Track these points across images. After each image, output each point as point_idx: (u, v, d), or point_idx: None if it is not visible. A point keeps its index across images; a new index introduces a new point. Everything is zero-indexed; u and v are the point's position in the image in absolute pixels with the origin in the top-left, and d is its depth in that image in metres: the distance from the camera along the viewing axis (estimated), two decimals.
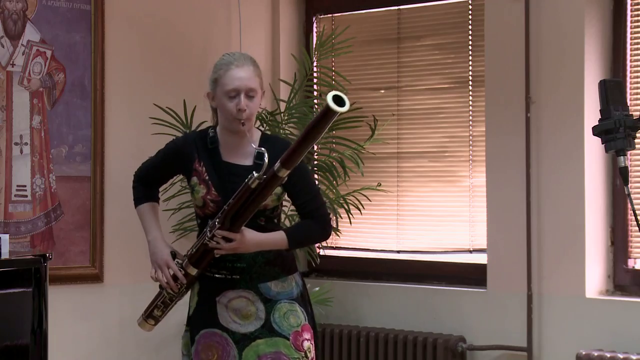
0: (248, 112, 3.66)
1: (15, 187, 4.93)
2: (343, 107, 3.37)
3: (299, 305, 3.78)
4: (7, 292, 3.99)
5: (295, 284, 3.80)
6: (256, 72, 3.71)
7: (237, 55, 3.76)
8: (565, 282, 4.86)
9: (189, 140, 3.81)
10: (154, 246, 3.83)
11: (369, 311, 5.54)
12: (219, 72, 3.70)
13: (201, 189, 3.72)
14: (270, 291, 3.74)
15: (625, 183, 3.35)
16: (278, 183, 3.56)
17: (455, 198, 5.40)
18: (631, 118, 3.33)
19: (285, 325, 3.72)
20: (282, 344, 3.70)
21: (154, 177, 3.92)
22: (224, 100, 3.67)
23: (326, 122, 3.42)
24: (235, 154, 3.73)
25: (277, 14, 5.93)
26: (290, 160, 3.48)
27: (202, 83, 5.57)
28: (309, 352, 3.75)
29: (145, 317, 3.92)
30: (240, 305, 3.73)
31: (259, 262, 3.72)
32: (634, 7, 4.86)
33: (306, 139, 3.45)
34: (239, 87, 3.65)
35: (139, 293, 5.30)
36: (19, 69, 4.96)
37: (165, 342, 5.40)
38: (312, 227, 3.77)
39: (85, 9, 5.15)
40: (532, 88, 4.95)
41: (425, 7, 5.56)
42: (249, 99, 3.67)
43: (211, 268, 3.74)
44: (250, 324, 3.72)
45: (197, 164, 3.74)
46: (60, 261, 5.01)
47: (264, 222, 3.72)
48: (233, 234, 3.61)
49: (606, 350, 4.60)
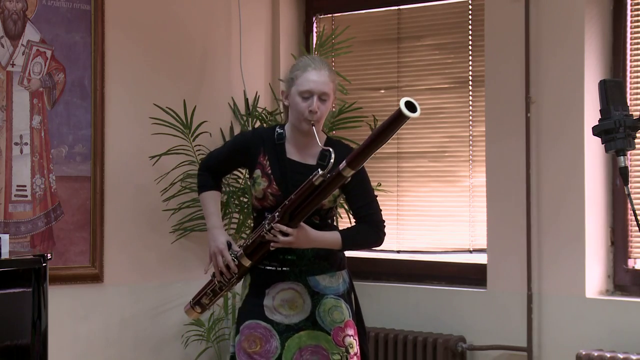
0: (319, 114, 3.79)
1: (15, 187, 4.92)
2: (415, 112, 3.48)
3: (344, 302, 3.87)
4: (7, 292, 3.99)
5: (343, 280, 3.91)
6: (331, 77, 3.85)
7: (316, 58, 3.90)
8: (565, 282, 4.86)
9: (257, 134, 3.94)
10: (212, 234, 3.93)
11: (369, 311, 5.51)
12: (296, 72, 3.84)
13: (263, 182, 3.82)
14: (318, 285, 3.84)
15: (625, 183, 3.35)
16: (341, 182, 3.66)
17: (455, 198, 5.40)
18: (631, 118, 3.33)
19: (328, 320, 3.81)
20: (323, 338, 3.80)
21: (219, 168, 4.03)
22: (297, 100, 3.80)
23: (396, 126, 3.54)
24: (301, 152, 3.86)
25: (277, 14, 5.93)
26: (356, 161, 3.61)
27: (202, 83, 5.60)
28: (351, 348, 3.82)
29: (192, 304, 4.00)
30: (289, 297, 3.82)
31: (308, 255, 3.82)
32: (634, 7, 4.86)
33: (375, 141, 3.58)
34: (314, 89, 3.78)
35: (139, 293, 5.33)
36: (19, 69, 4.95)
37: (166, 342, 5.40)
38: (366, 231, 3.88)
39: (85, 9, 5.15)
40: (532, 88, 4.95)
41: (425, 7, 5.56)
42: (321, 102, 3.80)
43: (263, 260, 3.83)
44: (295, 315, 3.81)
45: (262, 158, 3.85)
46: (60, 261, 5.01)
47: (319, 220, 3.82)
48: (291, 229, 3.69)
49: (606, 350, 4.60)
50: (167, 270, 5.39)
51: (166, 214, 5.32)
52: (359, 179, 3.80)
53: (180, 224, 5.34)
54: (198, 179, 4.05)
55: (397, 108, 3.46)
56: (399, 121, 3.51)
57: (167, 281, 5.38)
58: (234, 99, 5.67)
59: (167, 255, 5.40)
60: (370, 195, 3.91)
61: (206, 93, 5.58)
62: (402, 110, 3.45)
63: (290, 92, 3.84)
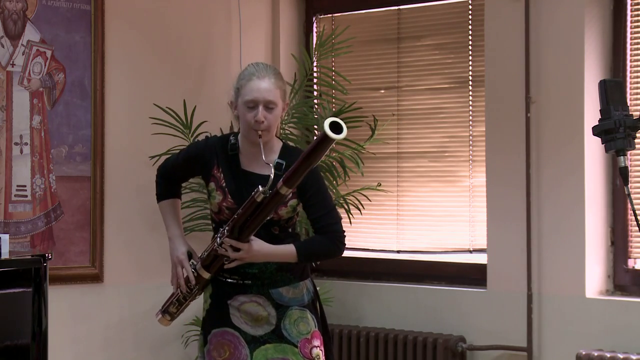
0: (266, 124, 3.70)
1: (15, 187, 4.93)
2: (340, 133, 3.43)
3: (310, 312, 3.81)
4: (7, 292, 3.99)
5: (307, 290, 3.84)
6: (277, 84, 3.76)
7: (261, 66, 3.80)
8: (565, 282, 4.86)
9: (209, 145, 3.85)
10: (172, 243, 3.92)
11: (369, 311, 5.54)
12: (241, 82, 3.76)
13: (217, 195, 3.76)
14: (282, 297, 3.78)
15: (625, 183, 3.35)
16: (282, 200, 3.61)
17: (455, 198, 5.40)
18: (631, 118, 3.33)
19: (294, 332, 3.76)
20: (290, 351, 3.74)
21: (175, 175, 3.97)
22: (243, 111, 3.73)
23: (324, 148, 3.49)
24: (255, 163, 3.76)
25: (277, 14, 5.92)
26: (291, 180, 3.54)
27: (202, 83, 5.60)
28: (318, 359, 3.78)
29: (162, 312, 3.99)
30: (252, 309, 3.77)
31: (270, 268, 3.76)
32: (634, 7, 4.86)
33: (304, 162, 3.52)
34: (257, 99, 3.70)
35: (138, 293, 5.32)
36: (19, 69, 4.95)
37: (165, 342, 5.40)
38: (323, 242, 3.79)
39: (85, 9, 5.15)
40: (532, 88, 4.95)
41: (425, 7, 5.56)
42: (268, 111, 3.71)
43: (223, 272, 3.78)
44: (260, 327, 3.76)
45: (216, 170, 3.78)
46: (60, 261, 5.01)
47: (278, 231, 3.77)
48: (241, 244, 3.65)
49: (606, 350, 4.60)
50: (167, 270, 5.34)
51: None
52: (315, 188, 3.73)
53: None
54: (156, 187, 3.98)
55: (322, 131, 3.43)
56: (325, 143, 3.46)
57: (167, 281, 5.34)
58: None
59: (167, 255, 5.36)
60: (328, 205, 3.80)
61: (206, 93, 5.58)
62: (327, 132, 3.41)
63: (238, 102, 3.76)
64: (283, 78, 3.84)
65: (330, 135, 3.41)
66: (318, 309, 3.87)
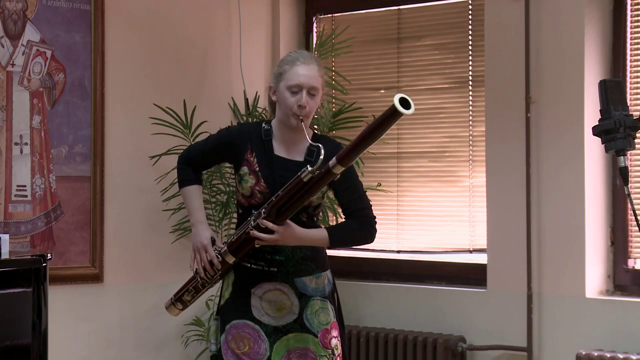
0: (307, 109, 3.73)
1: (15, 187, 4.92)
2: (409, 109, 3.39)
3: (330, 303, 3.84)
4: (7, 292, 3.99)
5: (328, 281, 3.87)
6: (320, 72, 3.79)
7: (305, 53, 3.84)
8: (565, 282, 4.86)
9: (243, 130, 3.88)
10: (196, 229, 3.88)
11: (369, 311, 5.54)
12: (285, 66, 3.77)
13: (250, 179, 3.77)
14: (306, 287, 3.81)
15: (625, 183, 3.35)
16: (330, 179, 3.60)
17: (455, 198, 5.40)
18: (631, 118, 3.33)
19: (315, 322, 3.79)
20: (311, 341, 3.77)
21: (201, 162, 3.97)
22: (286, 95, 3.74)
23: (389, 123, 3.44)
24: (288, 149, 3.80)
25: (277, 14, 5.93)
26: (347, 158, 3.52)
27: (202, 83, 5.60)
28: (336, 349, 3.82)
29: (174, 301, 3.97)
30: (276, 298, 3.79)
31: (296, 256, 3.78)
32: (634, 7, 4.86)
33: (367, 137, 3.47)
34: (303, 84, 3.72)
35: (139, 293, 5.33)
36: (19, 69, 4.95)
37: (166, 342, 5.40)
38: (355, 227, 3.81)
39: (85, 9, 5.15)
40: (532, 88, 4.95)
41: (425, 7, 5.56)
42: (310, 97, 3.74)
43: (249, 258, 3.79)
44: (283, 317, 3.78)
45: (249, 155, 3.80)
46: (60, 261, 5.01)
47: (306, 218, 3.78)
48: (277, 227, 3.65)
49: (606, 350, 4.60)
50: (167, 270, 5.38)
51: (166, 214, 5.32)
52: (346, 173, 3.70)
53: (180, 224, 5.33)
54: (179, 173, 3.97)
55: (391, 104, 3.38)
56: (392, 118, 3.41)
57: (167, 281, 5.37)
58: (234, 99, 5.67)
59: (167, 255, 5.39)
60: (358, 190, 3.82)
61: (206, 93, 5.58)
62: (396, 106, 3.36)
63: (279, 87, 3.77)
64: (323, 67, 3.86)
65: (400, 110, 3.36)
66: (336, 300, 3.91)
